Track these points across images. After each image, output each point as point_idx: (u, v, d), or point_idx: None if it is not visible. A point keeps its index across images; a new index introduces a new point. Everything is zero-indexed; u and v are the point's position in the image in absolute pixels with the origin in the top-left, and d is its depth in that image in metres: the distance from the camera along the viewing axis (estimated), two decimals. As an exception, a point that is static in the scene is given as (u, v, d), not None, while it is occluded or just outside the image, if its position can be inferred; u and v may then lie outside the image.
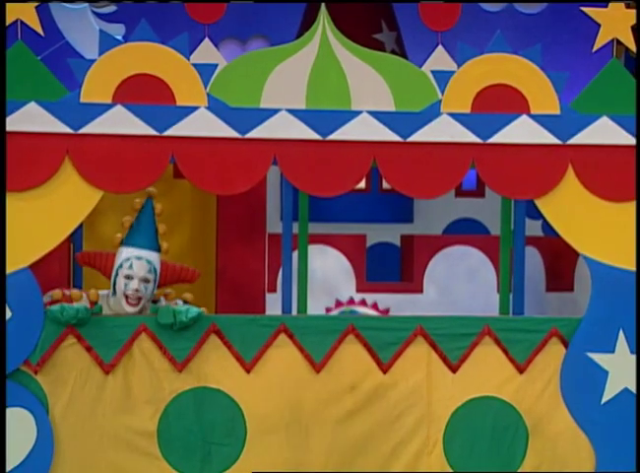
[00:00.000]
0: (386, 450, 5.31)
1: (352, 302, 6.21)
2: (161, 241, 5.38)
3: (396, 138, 5.28)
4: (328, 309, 6.28)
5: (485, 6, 8.71)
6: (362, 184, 8.57)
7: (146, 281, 5.30)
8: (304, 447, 5.28)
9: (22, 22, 5.11)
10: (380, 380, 5.33)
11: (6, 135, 5.03)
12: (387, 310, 6.30)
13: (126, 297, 5.29)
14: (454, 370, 5.37)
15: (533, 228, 8.21)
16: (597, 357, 5.37)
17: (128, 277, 5.29)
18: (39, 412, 5.11)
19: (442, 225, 8.95)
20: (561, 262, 8.40)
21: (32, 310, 5.12)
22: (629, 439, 5.37)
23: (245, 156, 5.22)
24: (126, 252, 5.31)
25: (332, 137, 5.24)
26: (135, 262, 5.29)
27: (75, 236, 5.80)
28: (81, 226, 5.33)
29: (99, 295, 5.37)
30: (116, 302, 5.32)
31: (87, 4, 8.09)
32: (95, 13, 8.30)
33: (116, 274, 5.31)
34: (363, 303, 6.47)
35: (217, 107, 5.20)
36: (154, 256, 5.34)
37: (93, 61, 5.18)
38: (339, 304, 6.46)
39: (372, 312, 6.25)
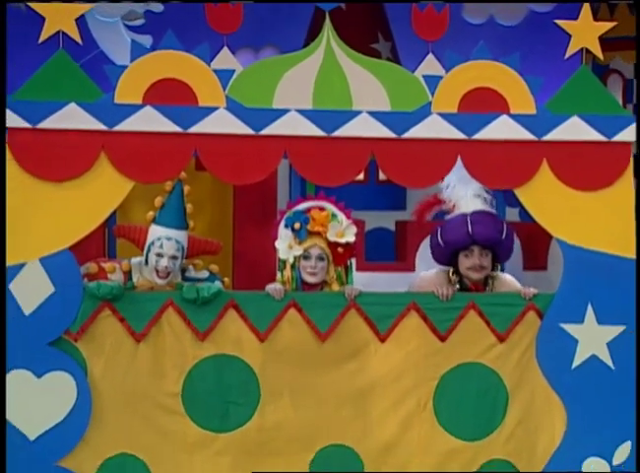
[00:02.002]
0: (384, 408, 5.31)
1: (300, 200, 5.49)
2: (189, 220, 5.40)
3: (391, 135, 5.28)
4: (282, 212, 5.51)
5: (469, 19, 8.68)
6: (361, 176, 8.56)
7: (174, 258, 5.32)
8: (311, 406, 5.29)
9: (63, 33, 5.11)
10: (378, 349, 5.33)
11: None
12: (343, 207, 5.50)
13: (157, 271, 5.31)
14: (443, 339, 5.37)
15: (511, 214, 8.23)
16: (568, 327, 5.37)
17: (159, 255, 5.31)
18: (79, 375, 5.13)
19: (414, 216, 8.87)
20: (536, 245, 8.39)
21: (72, 287, 5.13)
22: (596, 400, 5.37)
23: (259, 150, 5.22)
24: (158, 231, 5.32)
25: (335, 134, 5.24)
26: (165, 242, 5.30)
27: (110, 221, 5.81)
28: (114, 212, 5.35)
29: (132, 263, 5.38)
30: (148, 272, 5.34)
31: (119, 18, 8.09)
32: (126, 25, 8.30)
33: (148, 249, 5.32)
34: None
35: (234, 108, 5.20)
36: (182, 235, 5.35)
37: (125, 67, 5.18)
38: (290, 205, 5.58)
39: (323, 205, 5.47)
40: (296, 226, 5.39)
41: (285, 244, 5.42)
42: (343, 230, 5.43)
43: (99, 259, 5.47)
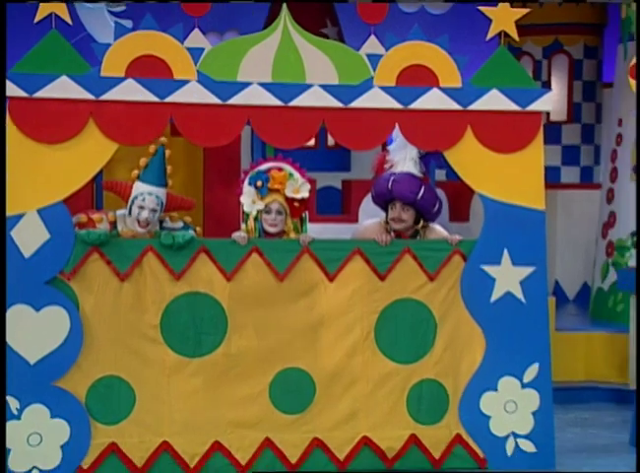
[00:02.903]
0: (333, 337, 5.33)
1: (262, 162, 5.46)
2: (168, 179, 5.35)
3: (339, 105, 5.25)
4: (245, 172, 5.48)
5: (404, 9, 8.66)
6: (312, 142, 8.55)
7: (154, 211, 5.26)
8: (270, 336, 5.28)
9: (56, 15, 5.02)
10: (328, 287, 5.33)
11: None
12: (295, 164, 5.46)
13: (138, 221, 5.27)
14: (382, 279, 5.37)
15: (440, 175, 8.28)
16: (487, 268, 5.41)
17: (141, 207, 5.24)
18: (72, 309, 5.08)
19: (372, 172, 8.93)
20: (460, 200, 8.46)
21: (65, 234, 5.08)
22: (510, 329, 5.40)
23: (226, 117, 5.18)
24: (141, 187, 5.25)
25: (291, 104, 5.21)
26: (147, 197, 5.24)
27: (97, 178, 5.75)
28: (101, 170, 5.30)
29: (117, 215, 5.32)
30: (131, 222, 5.29)
31: (104, 5, 7.97)
32: (109, 11, 8.18)
33: (132, 202, 5.26)
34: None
35: (204, 81, 5.15)
36: (161, 192, 5.29)
37: (110, 45, 5.11)
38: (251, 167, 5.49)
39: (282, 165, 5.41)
40: (258, 184, 5.37)
41: (248, 200, 5.40)
42: (298, 187, 5.42)
43: (89, 211, 5.39)
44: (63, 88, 5.01)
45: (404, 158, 5.61)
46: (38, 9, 5.00)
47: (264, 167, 5.42)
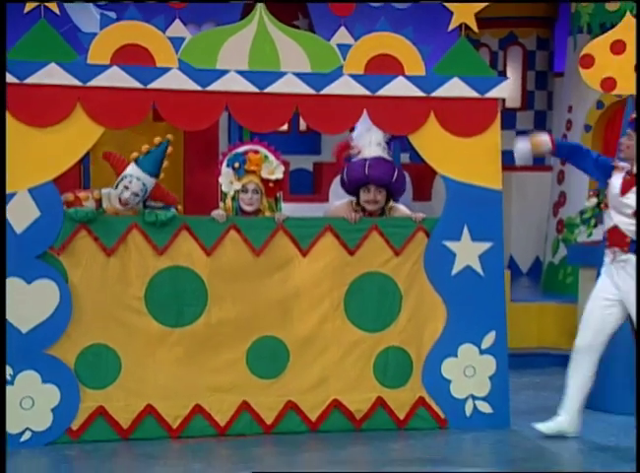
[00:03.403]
0: (305, 308, 5.33)
1: (239, 144, 5.47)
2: (161, 172, 5.25)
3: (311, 91, 5.24)
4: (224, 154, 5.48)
5: (371, 4, 8.62)
6: (285, 127, 8.53)
7: (135, 194, 5.19)
8: (248, 307, 5.27)
9: (45, 6, 4.96)
10: (301, 262, 5.33)
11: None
12: (271, 149, 5.45)
13: (119, 198, 5.22)
14: (352, 253, 5.37)
15: (404, 157, 8.30)
16: (448, 244, 5.42)
17: (126, 187, 5.19)
18: (61, 282, 5.05)
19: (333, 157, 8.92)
20: (423, 182, 8.50)
21: (55, 211, 5.04)
22: (469, 300, 5.42)
23: (205, 103, 5.15)
24: (134, 170, 5.19)
25: (267, 90, 5.19)
26: (134, 181, 5.18)
27: (84, 160, 5.71)
28: (88, 152, 5.25)
29: (102, 193, 5.25)
30: (114, 196, 5.22)
31: (91, -1, 7.89)
32: (94, 4, 8.09)
33: (121, 179, 5.21)
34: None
35: (185, 68, 5.12)
36: (150, 181, 5.21)
37: (96, 34, 5.06)
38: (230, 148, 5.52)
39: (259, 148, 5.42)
40: (236, 165, 5.35)
41: (226, 180, 5.39)
42: (273, 169, 5.41)
43: (76, 190, 5.36)
44: (52, 74, 4.96)
45: (369, 142, 5.60)
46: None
47: (241, 149, 5.41)
